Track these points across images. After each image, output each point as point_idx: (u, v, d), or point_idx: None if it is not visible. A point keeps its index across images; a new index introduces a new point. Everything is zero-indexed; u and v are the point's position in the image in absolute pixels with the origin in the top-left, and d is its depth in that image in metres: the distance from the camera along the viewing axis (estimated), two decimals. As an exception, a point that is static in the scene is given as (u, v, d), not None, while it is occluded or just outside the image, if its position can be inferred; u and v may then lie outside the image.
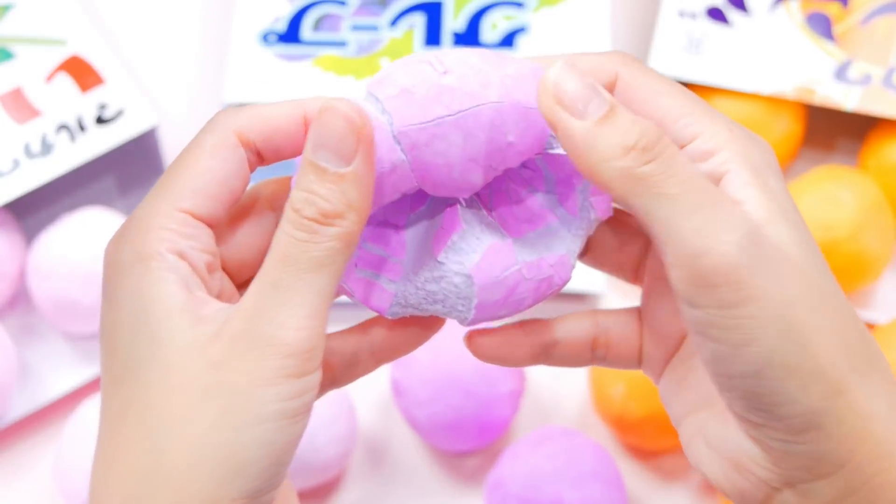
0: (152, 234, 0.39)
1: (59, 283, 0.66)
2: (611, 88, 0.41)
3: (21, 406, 0.68)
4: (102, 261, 0.40)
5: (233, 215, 0.42)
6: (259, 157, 0.41)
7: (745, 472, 0.39)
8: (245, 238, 0.42)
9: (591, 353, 0.44)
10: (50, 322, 0.69)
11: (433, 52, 0.39)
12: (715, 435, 0.40)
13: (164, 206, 0.39)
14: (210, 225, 0.40)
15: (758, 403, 0.37)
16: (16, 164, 0.67)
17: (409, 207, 0.42)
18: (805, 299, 0.37)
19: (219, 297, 0.40)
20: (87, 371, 0.69)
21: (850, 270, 0.68)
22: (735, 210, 0.37)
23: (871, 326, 0.69)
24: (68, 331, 0.69)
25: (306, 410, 0.37)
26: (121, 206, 0.73)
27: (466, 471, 0.67)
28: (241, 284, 0.42)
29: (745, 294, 0.36)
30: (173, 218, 0.39)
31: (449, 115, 0.38)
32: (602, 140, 0.37)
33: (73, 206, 0.71)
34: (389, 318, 0.42)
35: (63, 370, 0.69)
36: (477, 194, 0.42)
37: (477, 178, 0.39)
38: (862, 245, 0.67)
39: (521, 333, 0.44)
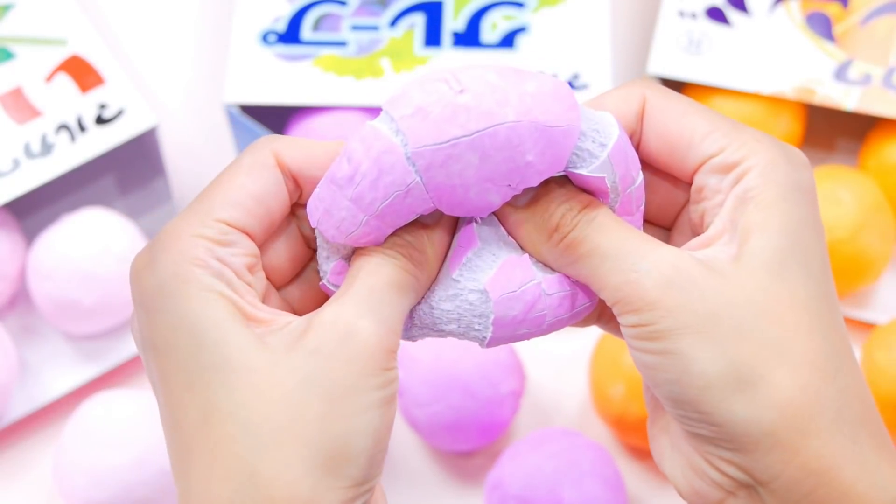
0: (188, 243, 0.38)
1: (60, 283, 0.66)
2: (640, 112, 0.41)
3: (21, 406, 0.68)
4: (132, 274, 0.39)
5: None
6: (296, 184, 0.41)
7: (701, 473, 0.39)
8: (280, 247, 0.42)
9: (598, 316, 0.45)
10: (50, 322, 0.69)
11: (450, 69, 0.39)
12: (676, 434, 0.40)
13: (199, 216, 0.39)
14: (249, 236, 0.40)
15: (683, 411, 0.38)
16: (16, 164, 0.67)
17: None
18: (732, 312, 0.37)
19: (263, 299, 0.40)
20: (87, 371, 0.69)
21: (849, 270, 0.68)
22: (652, 247, 0.38)
23: (870, 326, 0.70)
24: (68, 331, 0.69)
25: (395, 398, 0.38)
26: (121, 206, 0.73)
27: (466, 471, 0.67)
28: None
29: (660, 312, 0.37)
30: (210, 226, 0.39)
31: (464, 136, 0.37)
32: (534, 227, 0.40)
33: (73, 206, 0.71)
34: (406, 340, 0.42)
35: (63, 370, 0.69)
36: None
37: (494, 199, 0.39)
38: (862, 245, 0.67)
39: None
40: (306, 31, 0.72)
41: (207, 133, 0.77)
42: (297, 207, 0.42)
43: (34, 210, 0.72)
